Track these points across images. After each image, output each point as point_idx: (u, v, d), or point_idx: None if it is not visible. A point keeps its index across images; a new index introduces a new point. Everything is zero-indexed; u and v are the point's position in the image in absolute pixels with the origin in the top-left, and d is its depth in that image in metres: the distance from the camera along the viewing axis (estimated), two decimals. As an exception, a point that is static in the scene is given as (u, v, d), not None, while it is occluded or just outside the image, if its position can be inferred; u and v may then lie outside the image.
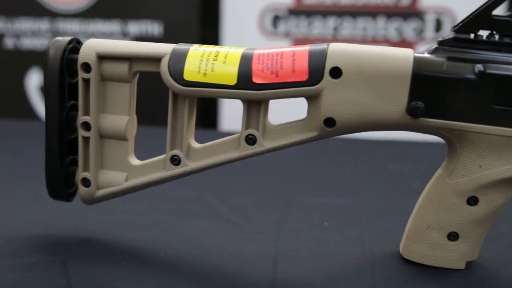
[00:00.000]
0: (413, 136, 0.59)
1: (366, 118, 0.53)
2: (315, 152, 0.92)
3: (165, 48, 0.57)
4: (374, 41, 1.70)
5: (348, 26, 1.73)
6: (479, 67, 0.51)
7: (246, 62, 0.55)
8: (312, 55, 0.54)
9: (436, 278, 0.54)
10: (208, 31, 1.77)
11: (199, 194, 0.76)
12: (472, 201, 0.54)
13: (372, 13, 1.70)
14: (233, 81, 0.55)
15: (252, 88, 0.54)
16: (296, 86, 0.54)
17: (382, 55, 0.53)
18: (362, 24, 1.72)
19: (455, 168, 0.54)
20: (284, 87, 0.54)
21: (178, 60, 0.55)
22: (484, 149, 0.52)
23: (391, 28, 1.70)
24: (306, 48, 0.55)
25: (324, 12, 1.73)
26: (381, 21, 1.70)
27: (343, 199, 0.75)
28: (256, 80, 0.54)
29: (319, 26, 1.74)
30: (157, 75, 0.57)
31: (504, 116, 0.51)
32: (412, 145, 0.92)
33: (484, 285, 0.53)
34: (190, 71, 0.55)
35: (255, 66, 0.54)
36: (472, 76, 0.51)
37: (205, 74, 0.55)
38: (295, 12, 1.74)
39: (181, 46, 0.57)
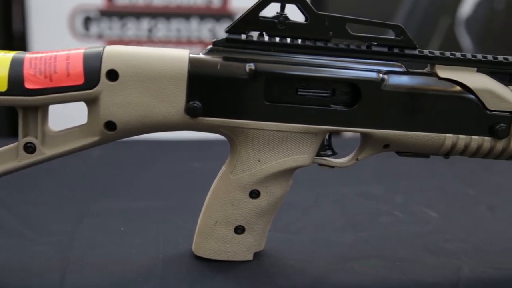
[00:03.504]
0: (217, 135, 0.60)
1: (146, 120, 0.53)
2: (117, 156, 0.91)
3: None
4: (189, 42, 1.72)
5: (162, 28, 1.72)
6: (250, 66, 0.53)
7: (17, 66, 0.52)
8: (87, 58, 0.52)
9: (225, 271, 0.56)
10: (15, 34, 1.66)
11: (-12, 208, 0.71)
12: (254, 194, 0.56)
13: (185, 14, 1.72)
14: (3, 87, 0.51)
15: (25, 94, 0.52)
16: (72, 90, 0.52)
17: (158, 56, 0.53)
18: (176, 26, 1.73)
19: (236, 164, 0.56)
20: (59, 92, 0.52)
21: None
22: (261, 144, 0.55)
23: (204, 29, 1.73)
24: (81, 51, 0.53)
25: (138, 14, 1.71)
26: (194, 23, 1.72)
27: (144, 202, 0.75)
28: (28, 85, 0.51)
29: (133, 28, 1.71)
30: None
31: (275, 112, 0.54)
32: (216, 143, 0.94)
33: (268, 273, 0.56)
34: (-46, 78, 0.51)
35: (27, 70, 0.52)
36: (244, 75, 0.53)
37: (-29, 81, 0.51)
38: (107, 13, 1.70)
39: None
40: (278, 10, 0.54)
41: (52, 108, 0.55)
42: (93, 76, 0.52)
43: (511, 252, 0.63)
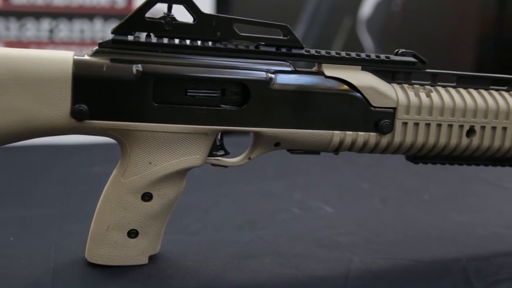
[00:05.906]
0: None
1: (30, 125, 0.51)
2: (11, 162, 0.87)
3: None
4: (93, 43, 1.67)
5: (64, 28, 1.67)
6: (137, 67, 0.53)
7: None
8: (-39, 61, 0.50)
9: (119, 277, 0.55)
10: None
11: None
12: (147, 197, 0.56)
13: (88, 14, 1.67)
14: None
15: None
16: None
17: (41, 58, 0.51)
18: (79, 26, 1.68)
19: (127, 167, 0.55)
20: None
21: None
22: (152, 146, 0.54)
23: (109, 30, 1.68)
24: (-45, 53, 0.50)
25: (37, 14, 1.64)
26: (98, 23, 1.68)
27: (37, 210, 0.72)
28: None
29: (32, 29, 1.65)
30: None
31: (164, 113, 0.54)
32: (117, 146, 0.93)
33: (162, 275, 0.56)
34: None
35: None
36: (131, 77, 0.53)
37: None
38: (3, 13, 1.62)
39: None
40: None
41: None
42: (-32, 80, 0.49)
43: (399, 242, 0.66)
